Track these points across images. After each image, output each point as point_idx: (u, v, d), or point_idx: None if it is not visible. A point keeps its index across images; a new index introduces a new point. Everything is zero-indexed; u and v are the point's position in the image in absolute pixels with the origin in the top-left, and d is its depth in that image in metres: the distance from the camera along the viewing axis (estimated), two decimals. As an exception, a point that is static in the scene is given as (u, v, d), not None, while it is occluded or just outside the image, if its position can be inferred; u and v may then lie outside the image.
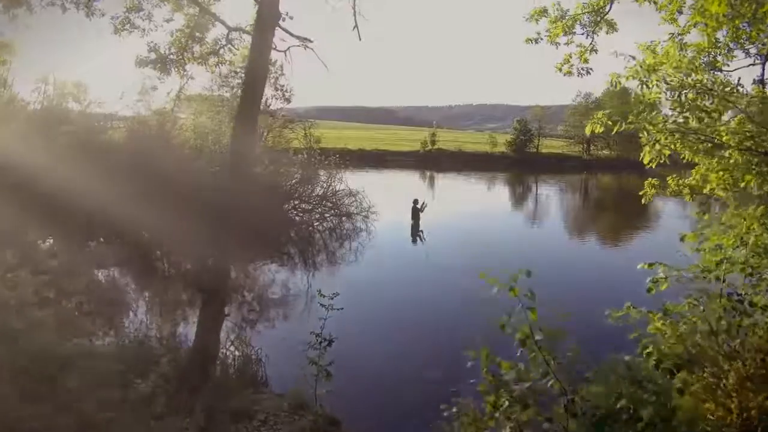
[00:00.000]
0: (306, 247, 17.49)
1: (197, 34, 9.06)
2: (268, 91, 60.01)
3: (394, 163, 62.84)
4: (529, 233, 22.99)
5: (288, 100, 61.21)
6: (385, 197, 24.51)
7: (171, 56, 9.12)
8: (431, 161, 65.73)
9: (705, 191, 6.17)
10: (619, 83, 4.76)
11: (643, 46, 7.08)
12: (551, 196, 40.48)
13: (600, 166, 71.76)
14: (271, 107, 58.28)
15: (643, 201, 7.17)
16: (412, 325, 10.65)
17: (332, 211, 19.10)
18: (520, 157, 70.89)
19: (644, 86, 4.79)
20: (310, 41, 8.13)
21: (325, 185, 19.96)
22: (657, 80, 4.71)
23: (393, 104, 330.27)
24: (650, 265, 4.79)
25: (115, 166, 15.87)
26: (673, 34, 6.07)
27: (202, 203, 15.34)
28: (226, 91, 58.04)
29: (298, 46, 8.04)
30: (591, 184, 54.49)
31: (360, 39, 9.30)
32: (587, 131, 4.76)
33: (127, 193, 14.59)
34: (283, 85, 58.23)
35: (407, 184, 43.96)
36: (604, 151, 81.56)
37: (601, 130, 4.70)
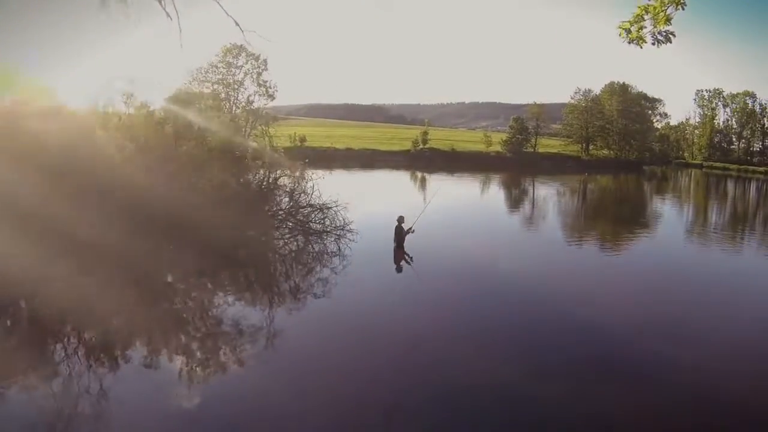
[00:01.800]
0: (263, 275, 14.09)
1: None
2: (251, 88, 56.26)
3: (383, 163, 59.43)
4: (544, 256, 19.63)
5: (272, 97, 57.34)
6: (366, 206, 21.18)
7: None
8: (423, 161, 62.48)
9: None
10: None
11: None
12: (556, 202, 37.11)
13: (599, 166, 68.83)
14: (254, 104, 54.48)
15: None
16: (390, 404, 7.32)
17: (298, 229, 15.64)
18: (517, 157, 67.71)
19: None
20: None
21: (294, 196, 16.54)
22: None
23: (384, 102, 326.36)
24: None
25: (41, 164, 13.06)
26: None
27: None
28: (207, 87, 54.16)
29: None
30: (597, 188, 51.17)
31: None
32: None
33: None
34: (266, 81, 54.49)
35: (394, 188, 40.66)
36: (603, 151, 78.65)
37: None
